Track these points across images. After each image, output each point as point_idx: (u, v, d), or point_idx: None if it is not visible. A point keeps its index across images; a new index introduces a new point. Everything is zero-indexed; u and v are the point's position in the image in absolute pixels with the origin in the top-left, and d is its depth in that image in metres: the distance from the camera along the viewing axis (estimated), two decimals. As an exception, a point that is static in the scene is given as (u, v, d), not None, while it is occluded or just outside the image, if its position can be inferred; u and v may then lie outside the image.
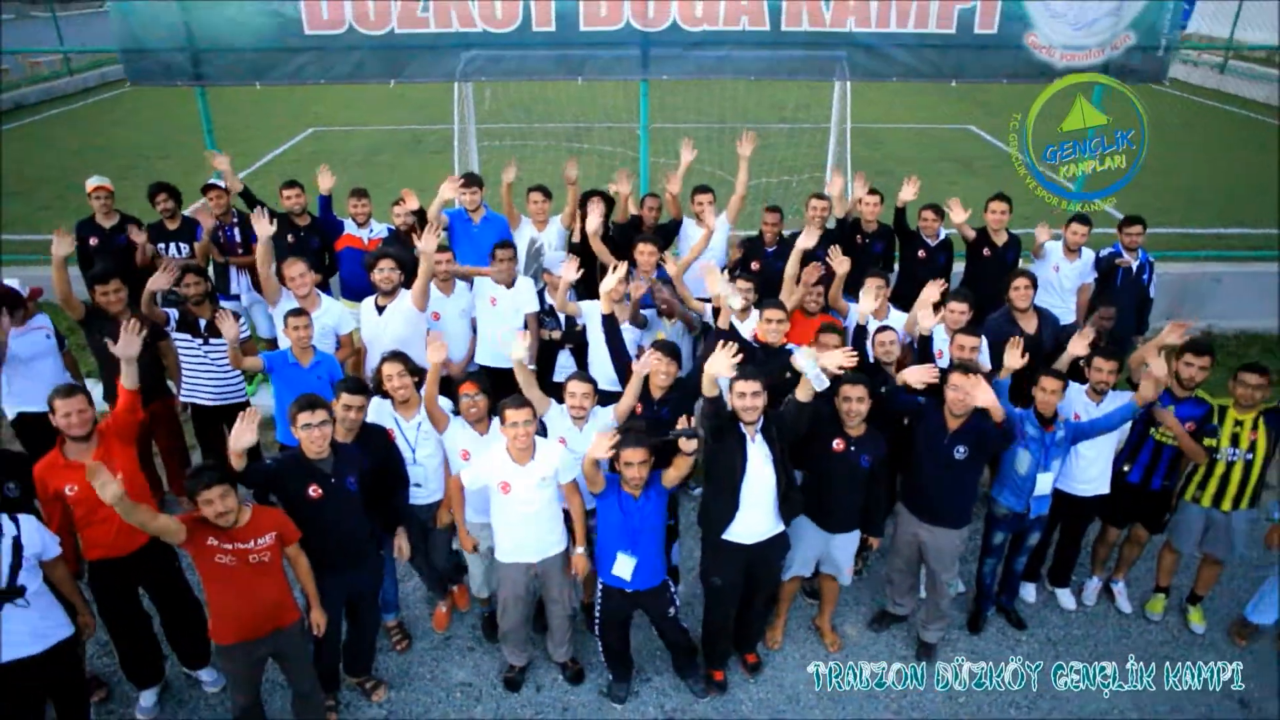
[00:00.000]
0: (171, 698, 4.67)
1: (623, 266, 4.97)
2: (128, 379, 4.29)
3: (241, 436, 3.92)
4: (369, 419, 4.46)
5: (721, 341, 4.28)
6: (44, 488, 4.03)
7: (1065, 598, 5.51)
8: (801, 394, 4.16)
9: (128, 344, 4.25)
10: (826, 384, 4.07)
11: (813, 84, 9.59)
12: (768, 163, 10.40)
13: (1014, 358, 4.75)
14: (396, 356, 4.55)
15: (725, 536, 4.35)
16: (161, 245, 6.51)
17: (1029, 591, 5.52)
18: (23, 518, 3.78)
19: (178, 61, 7.45)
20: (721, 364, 4.08)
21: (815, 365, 4.04)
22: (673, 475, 4.25)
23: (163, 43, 7.38)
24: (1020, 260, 6.56)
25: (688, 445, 4.13)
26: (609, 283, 4.94)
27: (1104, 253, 6.49)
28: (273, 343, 6.35)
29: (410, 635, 5.07)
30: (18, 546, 3.70)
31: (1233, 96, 18.88)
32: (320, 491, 4.06)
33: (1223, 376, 8.02)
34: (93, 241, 6.36)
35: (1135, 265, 6.44)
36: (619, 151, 10.14)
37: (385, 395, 4.59)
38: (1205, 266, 8.64)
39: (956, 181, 12.29)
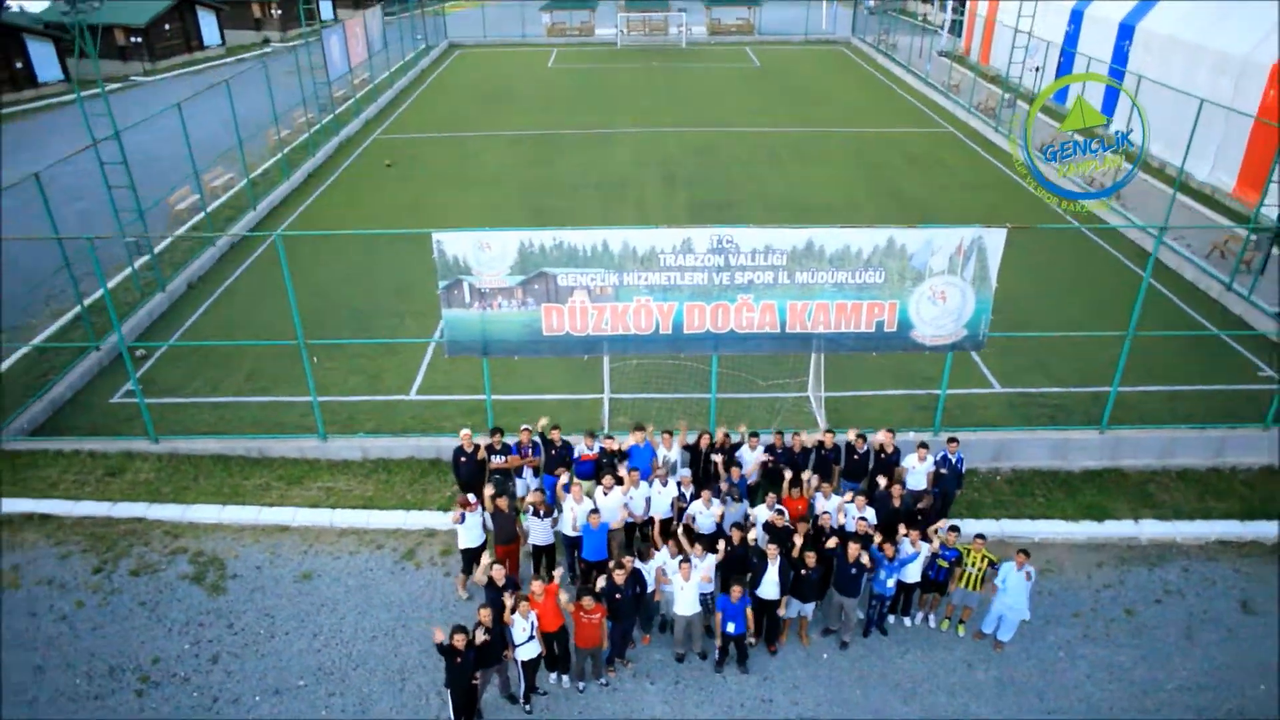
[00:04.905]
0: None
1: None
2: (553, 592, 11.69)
3: (598, 581, 11.35)
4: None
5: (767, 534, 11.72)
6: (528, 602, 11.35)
7: (906, 621, 12.82)
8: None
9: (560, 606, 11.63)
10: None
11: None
12: (780, 373, 17.59)
13: (887, 535, 12.01)
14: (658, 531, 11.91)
15: (756, 593, 11.71)
16: (494, 455, 13.78)
17: (890, 619, 12.81)
18: (531, 613, 11.10)
19: (476, 345, 14.65)
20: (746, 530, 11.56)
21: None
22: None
23: (468, 337, 14.56)
24: (900, 460, 13.74)
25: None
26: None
27: (939, 456, 13.61)
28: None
29: (635, 643, 12.45)
30: (532, 624, 11.06)
31: (1117, 236, 24.63)
32: (620, 596, 11.38)
33: (1015, 498, 15.43)
34: (462, 459, 13.62)
35: (954, 461, 13.57)
36: (694, 366, 17.56)
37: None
38: (1014, 434, 15.83)
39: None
